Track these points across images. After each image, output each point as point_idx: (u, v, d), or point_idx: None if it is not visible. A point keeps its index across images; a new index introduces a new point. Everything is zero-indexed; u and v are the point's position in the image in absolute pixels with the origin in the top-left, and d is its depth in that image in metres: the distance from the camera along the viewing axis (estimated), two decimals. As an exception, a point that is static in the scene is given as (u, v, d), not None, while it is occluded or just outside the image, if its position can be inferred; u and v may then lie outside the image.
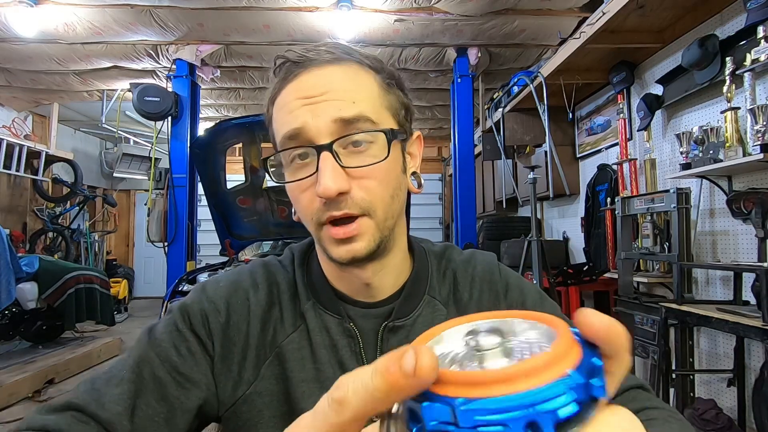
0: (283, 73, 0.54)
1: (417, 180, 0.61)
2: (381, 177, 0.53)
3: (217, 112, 5.66)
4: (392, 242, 0.58)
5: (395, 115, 0.56)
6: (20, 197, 5.77)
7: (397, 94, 0.57)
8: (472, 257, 0.67)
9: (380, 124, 0.53)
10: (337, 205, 0.51)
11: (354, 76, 0.54)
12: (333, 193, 0.49)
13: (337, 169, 0.50)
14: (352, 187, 0.51)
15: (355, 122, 0.51)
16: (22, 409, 3.10)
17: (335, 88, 0.52)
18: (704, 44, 2.32)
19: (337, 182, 0.49)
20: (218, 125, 3.17)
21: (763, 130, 1.95)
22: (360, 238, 0.52)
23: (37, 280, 3.90)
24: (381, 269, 0.58)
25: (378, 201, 0.53)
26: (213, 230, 3.53)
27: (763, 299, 1.71)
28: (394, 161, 0.54)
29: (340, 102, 0.51)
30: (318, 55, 0.53)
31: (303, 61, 0.53)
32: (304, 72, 0.53)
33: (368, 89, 0.54)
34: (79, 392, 0.52)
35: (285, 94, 0.54)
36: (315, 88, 0.52)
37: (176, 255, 3.96)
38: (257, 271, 0.63)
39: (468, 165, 4.10)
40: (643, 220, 2.74)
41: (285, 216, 3.48)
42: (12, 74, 4.33)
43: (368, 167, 0.52)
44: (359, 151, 0.52)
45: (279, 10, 3.31)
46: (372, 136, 0.52)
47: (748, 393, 2.15)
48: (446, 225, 7.82)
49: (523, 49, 3.93)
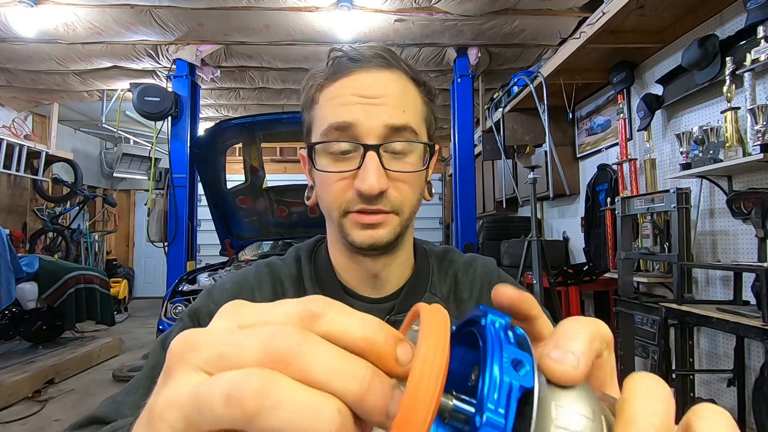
0: (337, 66, 0.57)
1: (429, 188, 0.66)
2: (414, 183, 0.58)
3: (217, 112, 5.65)
4: (404, 239, 0.62)
5: (429, 129, 0.61)
6: (20, 197, 5.77)
7: (432, 108, 0.62)
8: (473, 260, 0.71)
9: (420, 136, 0.57)
10: (373, 200, 0.55)
11: (405, 86, 0.58)
12: (376, 191, 0.53)
13: (380, 170, 0.54)
14: (389, 187, 0.55)
15: (402, 131, 0.55)
16: (22, 409, 3.11)
17: (389, 94, 0.55)
18: (704, 44, 2.32)
19: (380, 182, 0.53)
20: (218, 125, 3.17)
21: (763, 130, 1.95)
22: (383, 226, 0.56)
23: (37, 280, 3.90)
24: (390, 263, 0.62)
25: (408, 204, 0.58)
26: (213, 230, 3.54)
27: (763, 299, 1.71)
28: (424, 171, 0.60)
29: (392, 109, 0.55)
30: (373, 57, 0.57)
31: (360, 59, 0.56)
32: (360, 71, 0.56)
33: (414, 102, 0.58)
34: (101, 407, 0.55)
35: (339, 87, 0.56)
36: (370, 89, 0.55)
37: (176, 255, 3.96)
38: (261, 270, 0.66)
39: (468, 165, 4.10)
40: (643, 220, 2.74)
41: (285, 216, 3.48)
42: (12, 74, 4.33)
43: (407, 173, 0.56)
44: (399, 157, 0.56)
45: (279, 10, 3.31)
46: (411, 146, 0.57)
47: (748, 393, 2.15)
48: (446, 225, 7.82)
49: (523, 49, 3.93)
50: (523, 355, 0.18)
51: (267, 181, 3.50)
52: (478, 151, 4.49)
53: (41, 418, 2.99)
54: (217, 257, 3.96)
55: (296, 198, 3.43)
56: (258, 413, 0.16)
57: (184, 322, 0.60)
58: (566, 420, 0.18)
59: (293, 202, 3.44)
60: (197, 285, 3.11)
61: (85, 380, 3.77)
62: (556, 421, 0.17)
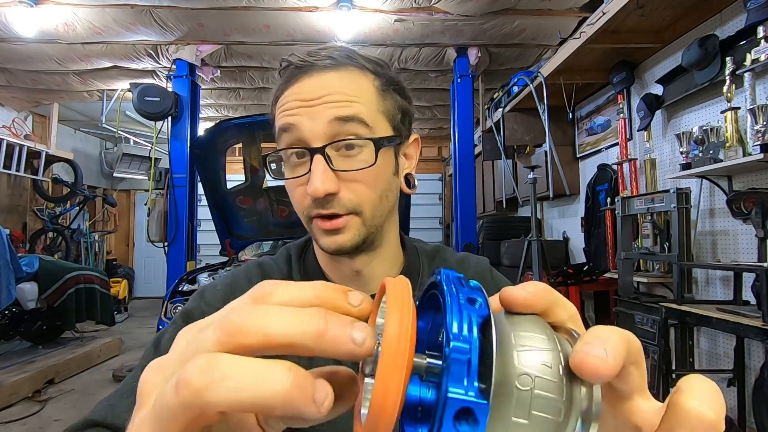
0: (287, 76, 0.57)
1: (411, 180, 0.64)
2: (369, 180, 0.56)
3: (217, 112, 5.65)
4: (381, 237, 0.61)
5: (391, 120, 0.59)
6: (20, 197, 5.77)
7: (394, 98, 0.60)
8: (465, 259, 0.71)
9: (374, 128, 0.55)
10: (325, 204, 0.54)
11: (352, 80, 0.56)
12: (321, 194, 0.52)
13: (327, 172, 0.53)
14: (341, 188, 0.54)
15: (350, 121, 0.54)
16: (22, 409, 3.11)
17: (332, 92, 0.54)
18: (704, 44, 2.32)
19: (325, 184, 0.52)
20: (218, 125, 3.17)
21: (763, 130, 1.95)
22: (345, 231, 0.56)
23: (37, 280, 3.90)
24: (371, 261, 0.62)
25: (366, 202, 0.56)
26: (213, 230, 3.53)
27: (763, 299, 1.71)
28: (384, 165, 0.57)
29: (335, 104, 0.54)
30: (320, 60, 0.56)
31: (305, 65, 0.56)
32: (305, 76, 0.56)
33: (365, 93, 0.56)
34: (96, 409, 0.55)
35: (286, 96, 0.56)
36: (313, 92, 0.54)
37: (176, 255, 3.96)
38: (252, 270, 0.66)
39: (468, 165, 4.10)
40: (643, 220, 2.74)
41: (285, 216, 3.48)
42: (12, 74, 4.33)
43: (357, 171, 0.54)
44: (351, 154, 0.55)
45: (279, 10, 3.31)
46: (363, 142, 0.55)
47: (748, 393, 2.15)
48: (446, 225, 7.82)
49: (523, 49, 3.93)
50: (475, 293, 0.20)
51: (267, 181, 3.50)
52: (478, 151, 4.49)
53: (41, 418, 2.99)
54: (217, 257, 3.95)
55: (296, 198, 3.42)
56: (206, 388, 0.17)
57: (177, 324, 0.60)
58: (524, 341, 0.20)
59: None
60: (197, 285, 3.11)
61: (85, 380, 3.77)
62: (516, 344, 0.20)
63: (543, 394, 0.19)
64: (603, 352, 0.19)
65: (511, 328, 0.21)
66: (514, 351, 0.20)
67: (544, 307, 0.23)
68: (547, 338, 0.20)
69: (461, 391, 0.17)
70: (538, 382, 0.19)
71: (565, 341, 0.22)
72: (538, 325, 0.21)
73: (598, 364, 0.19)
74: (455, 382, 0.17)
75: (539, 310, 0.23)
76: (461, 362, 0.18)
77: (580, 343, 0.20)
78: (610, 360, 0.19)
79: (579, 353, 0.20)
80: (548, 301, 0.23)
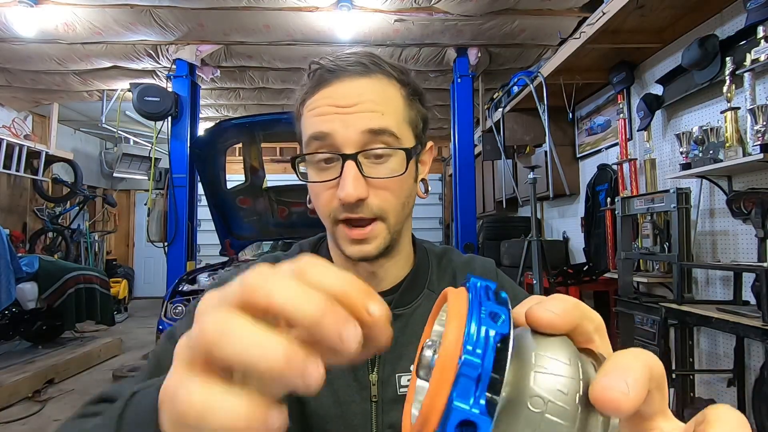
0: (317, 79, 0.58)
1: (425, 186, 0.67)
2: (396, 188, 0.58)
3: (217, 112, 5.65)
4: (399, 241, 0.63)
5: (414, 129, 0.61)
6: (20, 197, 5.77)
7: (417, 107, 0.62)
8: (472, 260, 0.72)
9: (401, 138, 0.58)
10: (354, 208, 0.56)
11: (383, 89, 0.58)
12: (353, 199, 0.54)
13: (358, 178, 0.55)
14: (370, 194, 0.56)
15: (381, 134, 0.56)
16: (22, 409, 3.11)
17: (365, 101, 0.56)
18: (704, 44, 2.32)
19: (357, 190, 0.54)
20: (218, 125, 3.17)
21: (763, 130, 1.95)
22: (372, 240, 0.58)
23: (37, 280, 3.90)
24: (386, 262, 0.64)
25: (391, 209, 0.58)
26: (213, 230, 3.54)
27: (763, 299, 1.71)
28: (409, 174, 0.59)
29: (368, 114, 0.55)
30: (351, 65, 0.57)
31: (336, 69, 0.57)
32: (336, 81, 0.57)
33: (394, 103, 0.58)
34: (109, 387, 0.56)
35: (317, 99, 0.57)
36: (346, 99, 0.56)
37: (176, 255, 3.96)
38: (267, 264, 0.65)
39: (468, 165, 4.10)
40: (643, 220, 2.74)
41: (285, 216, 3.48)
42: (12, 74, 4.33)
43: (388, 179, 0.57)
44: (379, 162, 0.57)
45: (279, 10, 3.31)
46: (393, 152, 0.57)
47: (748, 393, 2.15)
48: (446, 225, 7.82)
49: (523, 49, 3.93)
50: (500, 308, 0.20)
51: (267, 181, 3.50)
52: (478, 151, 4.49)
53: (41, 418, 2.99)
54: (217, 257, 3.96)
55: (296, 198, 3.43)
56: (217, 342, 0.19)
57: (192, 315, 0.59)
58: (544, 363, 0.20)
59: (293, 202, 3.44)
60: (197, 285, 3.12)
61: (85, 380, 3.77)
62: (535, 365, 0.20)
63: (553, 419, 0.19)
64: (624, 386, 0.19)
65: (535, 346, 0.21)
66: (532, 372, 0.20)
67: (570, 327, 0.22)
68: (569, 364, 0.20)
69: (466, 405, 0.18)
70: (551, 407, 0.19)
71: (590, 364, 0.21)
72: (562, 347, 0.21)
73: (618, 398, 0.19)
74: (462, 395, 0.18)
75: (565, 331, 0.22)
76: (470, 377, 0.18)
77: (601, 373, 0.20)
78: (631, 394, 0.19)
79: (599, 386, 0.19)
80: (574, 320, 0.22)
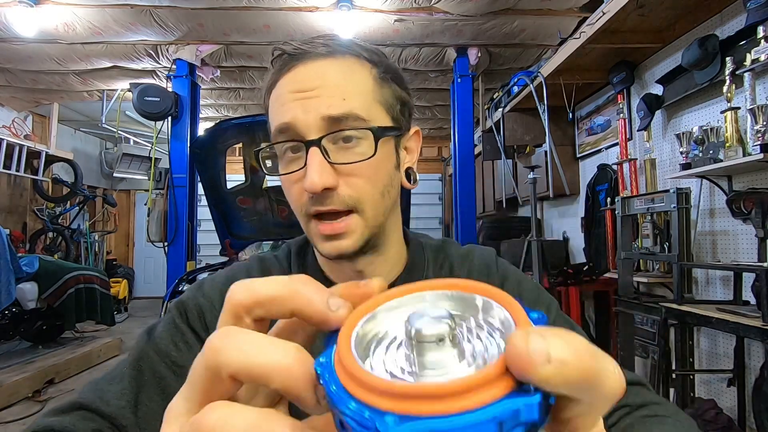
0: (279, 65, 0.54)
1: (412, 175, 0.61)
2: (369, 174, 0.53)
3: (217, 112, 5.65)
4: (384, 237, 0.58)
5: (389, 110, 0.56)
6: (20, 197, 5.77)
7: (392, 88, 0.57)
8: (470, 251, 0.67)
9: (370, 121, 0.52)
10: (323, 200, 0.51)
11: (347, 70, 0.53)
12: (318, 189, 0.49)
13: (324, 165, 0.50)
14: (340, 183, 0.51)
15: (344, 120, 0.51)
16: (22, 409, 3.10)
17: (327, 84, 0.51)
18: (704, 44, 2.32)
19: (322, 178, 0.49)
20: (218, 125, 3.17)
21: (763, 130, 1.95)
22: (347, 236, 0.53)
23: (37, 280, 3.90)
24: (373, 261, 0.58)
25: (366, 198, 0.53)
26: (213, 230, 3.53)
27: (763, 299, 1.71)
28: (384, 158, 0.54)
29: (330, 98, 0.51)
30: (314, 47, 0.53)
31: (298, 53, 0.53)
32: (298, 65, 0.53)
33: (361, 84, 0.53)
34: (83, 392, 0.53)
35: (279, 87, 0.54)
36: (307, 82, 0.52)
37: (176, 255, 3.96)
38: (253, 265, 0.64)
39: (468, 165, 4.10)
40: (643, 220, 2.74)
41: (285, 216, 3.47)
42: (12, 74, 4.33)
43: (356, 164, 0.51)
44: (348, 147, 0.52)
45: (279, 10, 3.31)
46: (361, 133, 0.52)
47: (748, 393, 2.14)
48: (446, 225, 7.82)
49: (523, 49, 3.93)
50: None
51: (267, 181, 3.50)
52: (478, 151, 4.49)
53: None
54: (217, 257, 3.95)
55: (296, 198, 3.42)
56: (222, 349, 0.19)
57: (172, 314, 0.59)
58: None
59: (293, 202, 3.44)
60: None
61: (85, 380, 3.77)
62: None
63: None
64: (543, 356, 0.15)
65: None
66: None
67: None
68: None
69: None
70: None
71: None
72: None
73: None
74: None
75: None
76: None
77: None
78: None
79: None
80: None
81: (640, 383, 0.59)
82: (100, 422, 0.50)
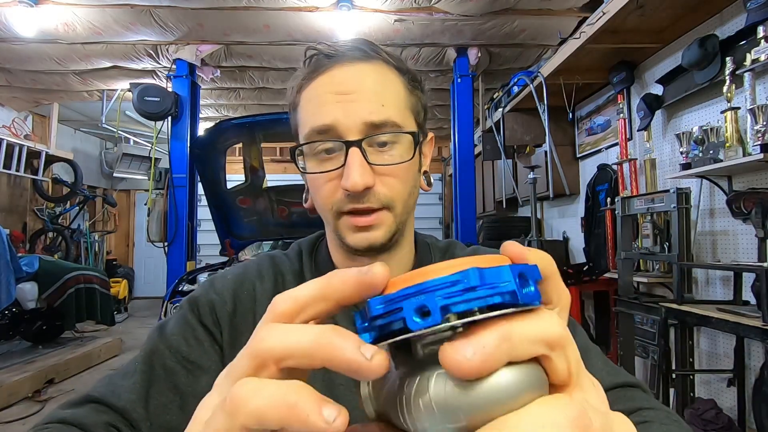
0: (314, 65, 0.56)
1: (427, 178, 0.65)
2: (402, 175, 0.56)
3: (217, 112, 5.65)
4: (402, 235, 0.61)
5: (417, 117, 0.59)
6: (20, 197, 5.77)
7: (418, 95, 0.60)
8: (476, 252, 0.70)
9: (404, 127, 0.56)
10: (360, 198, 0.54)
11: (383, 77, 0.56)
12: (360, 188, 0.52)
13: (364, 166, 0.53)
14: (376, 182, 0.54)
15: (383, 126, 0.54)
16: (22, 409, 3.11)
17: (365, 89, 0.54)
18: (704, 44, 2.32)
19: (364, 178, 0.52)
20: (218, 125, 3.17)
21: (763, 130, 1.95)
22: (378, 228, 0.56)
23: (37, 280, 3.90)
24: (389, 261, 0.60)
25: (398, 197, 0.56)
26: (213, 230, 3.53)
27: (763, 299, 1.71)
28: (415, 161, 0.58)
29: (369, 104, 0.53)
30: (349, 50, 0.55)
31: (335, 55, 0.55)
32: (336, 66, 0.55)
33: (395, 92, 0.56)
34: (97, 386, 0.55)
35: (316, 86, 0.55)
36: (346, 85, 0.54)
37: (176, 255, 3.96)
38: (263, 263, 0.65)
39: (468, 165, 4.10)
40: (643, 220, 2.74)
41: (285, 216, 3.48)
42: (12, 74, 4.33)
43: (393, 166, 0.55)
44: (384, 150, 0.55)
45: (279, 10, 3.31)
46: (397, 137, 0.55)
47: (748, 393, 2.14)
48: (446, 225, 7.82)
49: (523, 49, 3.93)
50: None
51: (267, 181, 3.50)
52: (478, 151, 4.49)
53: (41, 418, 2.98)
54: (217, 257, 3.95)
55: (296, 198, 3.43)
56: (242, 402, 0.19)
57: (184, 309, 0.60)
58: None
59: (293, 202, 3.44)
60: (197, 285, 3.11)
61: (85, 380, 3.77)
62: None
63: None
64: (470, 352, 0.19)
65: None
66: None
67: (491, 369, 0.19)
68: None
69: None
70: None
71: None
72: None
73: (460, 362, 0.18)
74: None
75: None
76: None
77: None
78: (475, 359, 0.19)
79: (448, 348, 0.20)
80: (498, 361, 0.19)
81: (635, 385, 0.59)
82: (112, 415, 0.52)
